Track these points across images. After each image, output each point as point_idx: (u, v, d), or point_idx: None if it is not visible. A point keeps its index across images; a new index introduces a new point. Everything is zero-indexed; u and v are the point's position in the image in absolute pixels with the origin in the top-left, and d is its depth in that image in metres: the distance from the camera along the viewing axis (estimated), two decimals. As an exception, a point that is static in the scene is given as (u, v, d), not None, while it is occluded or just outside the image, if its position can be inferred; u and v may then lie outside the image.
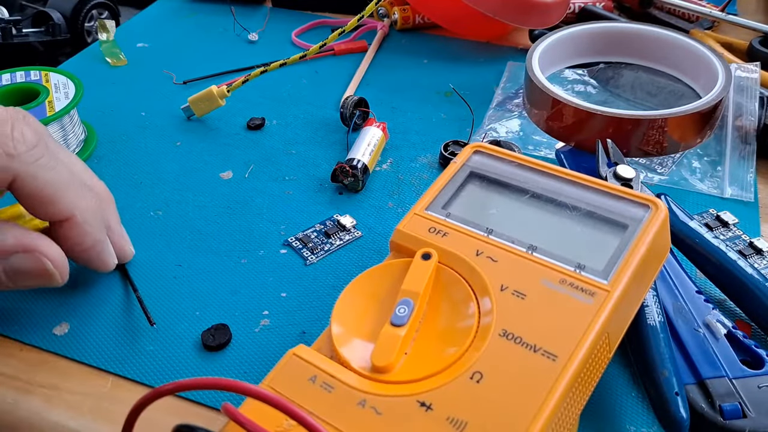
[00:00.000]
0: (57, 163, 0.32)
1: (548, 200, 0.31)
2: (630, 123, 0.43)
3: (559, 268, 0.28)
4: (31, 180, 0.31)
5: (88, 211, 0.34)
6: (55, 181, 0.32)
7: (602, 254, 0.28)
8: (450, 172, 0.34)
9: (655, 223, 0.29)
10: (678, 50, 0.51)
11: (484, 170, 0.33)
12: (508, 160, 0.33)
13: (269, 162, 0.49)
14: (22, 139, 0.31)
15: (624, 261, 0.27)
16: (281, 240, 0.42)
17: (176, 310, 0.37)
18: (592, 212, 0.30)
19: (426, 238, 0.30)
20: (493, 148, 0.34)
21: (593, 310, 0.26)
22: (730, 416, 0.29)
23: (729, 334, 0.32)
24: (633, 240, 0.28)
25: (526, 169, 0.33)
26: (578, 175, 0.32)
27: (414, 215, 0.32)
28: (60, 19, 0.69)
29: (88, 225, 0.34)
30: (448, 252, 0.30)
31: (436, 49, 0.65)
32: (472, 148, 0.35)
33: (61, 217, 0.33)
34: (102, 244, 0.36)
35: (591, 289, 0.27)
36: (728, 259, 0.35)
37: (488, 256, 0.29)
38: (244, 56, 0.64)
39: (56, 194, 0.32)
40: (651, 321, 0.31)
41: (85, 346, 0.35)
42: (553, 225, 0.30)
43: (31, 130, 0.31)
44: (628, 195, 0.30)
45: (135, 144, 0.51)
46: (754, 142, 0.48)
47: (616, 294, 0.26)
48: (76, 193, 0.33)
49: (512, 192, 0.32)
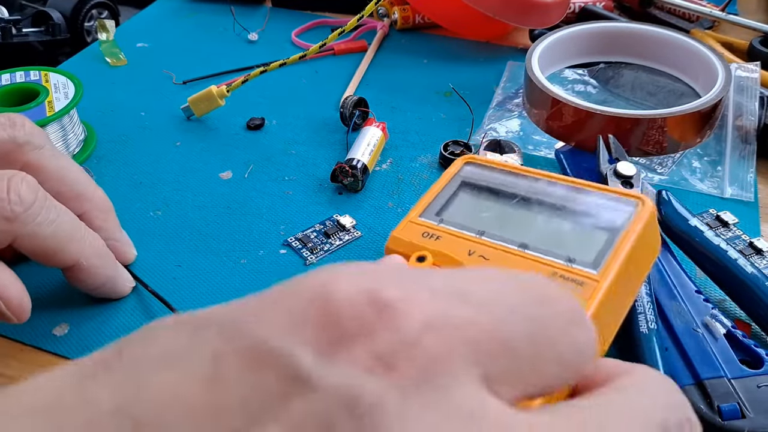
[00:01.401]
0: (57, 214, 0.32)
1: (538, 202, 0.32)
2: (630, 122, 0.43)
3: (551, 263, 0.28)
4: (31, 239, 0.31)
5: (94, 255, 0.34)
6: (55, 234, 0.32)
7: (592, 248, 0.29)
8: (442, 183, 0.35)
9: (642, 217, 0.29)
10: (678, 50, 0.51)
11: (474, 179, 0.35)
12: (498, 169, 0.35)
13: (269, 162, 0.49)
14: (19, 200, 0.30)
15: (613, 253, 0.28)
16: (281, 240, 0.42)
17: (176, 310, 0.37)
18: (580, 211, 0.31)
19: (419, 242, 0.31)
20: (484, 159, 0.36)
21: (583, 297, 0.26)
22: (728, 417, 0.28)
23: (728, 334, 0.32)
24: (621, 234, 0.29)
25: (515, 175, 0.34)
26: (566, 177, 0.33)
27: (409, 222, 0.33)
28: (60, 19, 0.69)
29: (95, 267, 0.34)
30: (441, 253, 0.30)
31: (436, 49, 0.65)
32: (463, 160, 0.36)
33: (67, 265, 0.33)
34: (113, 279, 0.36)
35: (581, 279, 0.27)
36: (728, 258, 0.35)
37: (480, 255, 0.30)
38: (243, 56, 0.64)
39: (58, 246, 0.32)
40: (643, 329, 0.31)
41: (85, 346, 0.35)
42: (543, 224, 0.31)
43: (27, 188, 0.31)
44: (615, 193, 0.31)
45: (135, 144, 0.51)
46: (754, 142, 0.48)
47: (605, 284, 0.27)
48: (79, 242, 0.33)
49: (502, 197, 0.33)
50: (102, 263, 0.35)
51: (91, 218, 0.36)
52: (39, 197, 0.31)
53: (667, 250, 0.37)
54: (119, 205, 0.44)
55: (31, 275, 0.38)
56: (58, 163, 0.35)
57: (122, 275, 0.37)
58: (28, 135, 0.34)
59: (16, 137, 0.33)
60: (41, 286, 0.38)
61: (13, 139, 0.33)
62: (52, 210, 0.32)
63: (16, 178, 0.31)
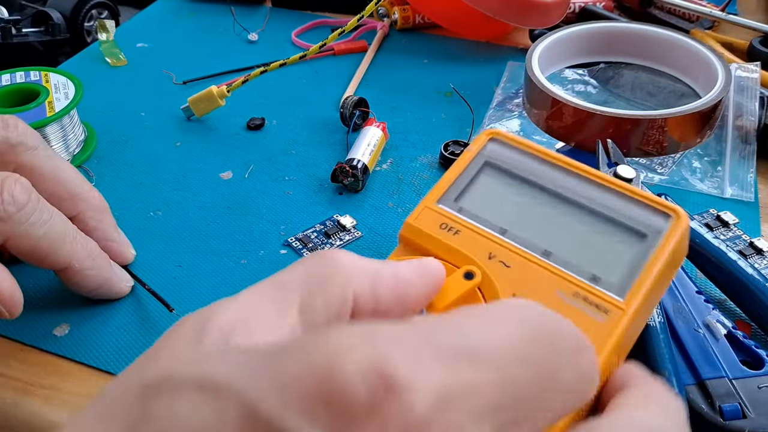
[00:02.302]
0: (50, 216, 0.32)
1: (565, 199, 0.29)
2: (630, 123, 0.43)
3: (573, 279, 0.26)
4: (23, 240, 0.31)
5: (86, 257, 0.34)
6: (48, 236, 0.32)
7: (619, 267, 0.26)
8: (464, 162, 0.31)
9: (676, 234, 0.27)
10: (678, 50, 0.51)
11: (499, 161, 0.31)
12: (525, 151, 0.31)
13: (269, 162, 0.49)
14: (12, 201, 0.30)
15: (641, 276, 0.26)
16: (281, 240, 0.42)
17: (176, 311, 0.37)
18: (610, 217, 0.28)
19: (437, 235, 0.29)
20: (510, 136, 0.32)
21: (607, 329, 0.24)
22: (729, 417, 0.29)
23: (729, 335, 0.32)
24: (652, 252, 0.26)
25: (543, 162, 0.30)
26: (599, 174, 0.30)
27: (425, 208, 0.30)
28: (60, 19, 0.69)
29: (88, 270, 0.34)
30: (461, 253, 0.28)
31: (436, 49, 0.65)
32: (488, 135, 0.32)
33: (59, 267, 0.33)
34: (109, 281, 0.36)
35: (605, 305, 0.25)
36: (728, 259, 0.35)
37: (501, 261, 0.27)
38: (244, 56, 0.64)
39: (50, 248, 0.32)
40: (651, 322, 0.31)
41: (85, 346, 0.35)
42: (569, 228, 0.28)
43: (20, 189, 0.31)
44: (650, 201, 0.28)
45: (135, 144, 0.51)
46: (755, 142, 0.48)
47: (630, 312, 0.25)
48: (71, 244, 0.33)
49: (528, 188, 0.30)
50: (95, 265, 0.34)
51: (86, 219, 0.36)
52: (32, 199, 0.31)
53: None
54: (119, 205, 0.45)
55: (31, 275, 0.38)
56: (52, 163, 0.35)
57: (118, 276, 0.37)
58: (21, 136, 0.34)
59: (9, 138, 0.33)
60: (41, 286, 0.38)
61: (5, 140, 0.33)
62: (45, 211, 0.32)
63: (10, 179, 0.31)
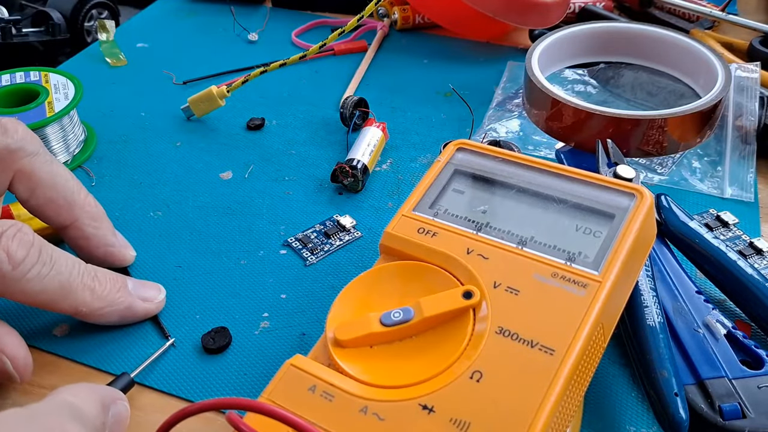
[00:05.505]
0: (50, 268, 0.31)
1: (534, 193, 0.31)
2: (630, 123, 0.43)
3: (550, 262, 0.28)
4: (20, 296, 0.30)
5: (95, 300, 0.33)
6: (46, 290, 0.31)
7: (591, 245, 0.28)
8: (434, 172, 0.34)
9: (642, 210, 0.29)
10: (678, 50, 0.51)
11: (468, 167, 0.34)
12: (491, 156, 0.34)
13: (269, 162, 0.49)
14: (6, 259, 0.29)
15: (613, 251, 0.28)
16: (281, 240, 0.42)
17: (176, 312, 0.37)
18: (578, 203, 0.30)
19: (416, 239, 0.31)
20: (476, 144, 0.34)
21: (587, 302, 0.26)
22: (729, 417, 0.29)
23: (729, 335, 0.32)
24: (621, 229, 0.29)
25: (510, 164, 0.33)
26: (562, 167, 0.32)
27: (402, 217, 0.32)
28: (60, 19, 0.69)
29: (98, 311, 0.33)
30: (439, 252, 0.30)
31: (436, 49, 0.65)
32: (455, 145, 0.35)
33: (67, 314, 0.33)
34: (117, 312, 0.35)
35: (583, 280, 0.27)
36: (728, 260, 0.35)
37: (479, 254, 0.29)
38: (244, 56, 0.64)
39: (50, 300, 0.31)
40: (651, 321, 0.31)
41: (85, 346, 0.35)
42: (541, 218, 0.30)
43: (17, 243, 0.29)
44: (612, 184, 0.31)
45: (135, 144, 0.51)
46: (754, 142, 0.48)
47: (608, 284, 0.27)
48: (75, 294, 0.32)
49: (498, 187, 0.32)
50: (103, 303, 0.33)
51: (82, 226, 0.36)
52: (31, 253, 0.30)
53: (667, 250, 0.37)
54: (119, 205, 0.45)
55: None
56: (51, 169, 0.34)
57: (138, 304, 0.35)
58: (20, 141, 0.33)
59: (8, 144, 0.33)
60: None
61: (5, 147, 0.33)
62: (46, 264, 0.30)
63: (8, 233, 0.29)
